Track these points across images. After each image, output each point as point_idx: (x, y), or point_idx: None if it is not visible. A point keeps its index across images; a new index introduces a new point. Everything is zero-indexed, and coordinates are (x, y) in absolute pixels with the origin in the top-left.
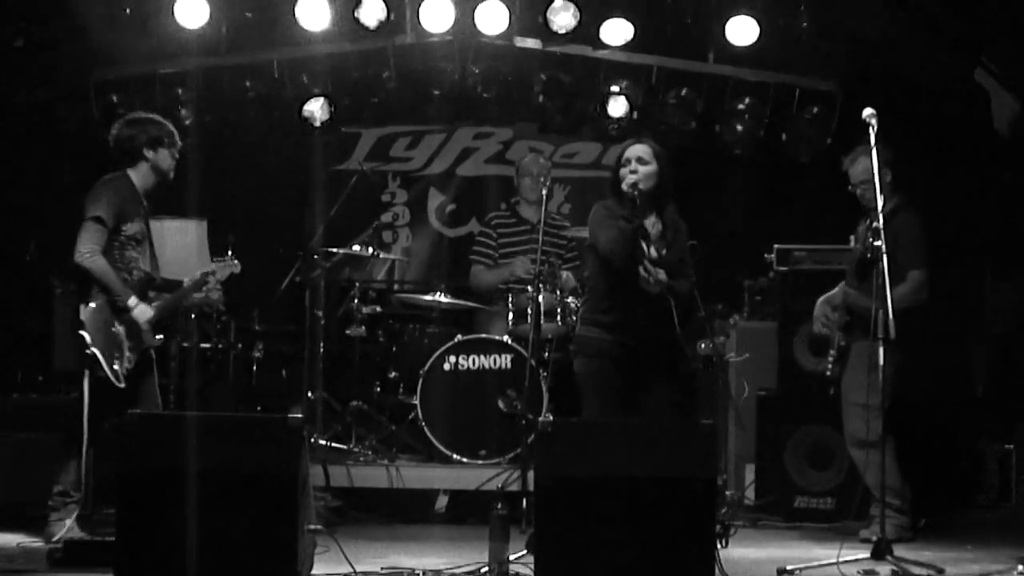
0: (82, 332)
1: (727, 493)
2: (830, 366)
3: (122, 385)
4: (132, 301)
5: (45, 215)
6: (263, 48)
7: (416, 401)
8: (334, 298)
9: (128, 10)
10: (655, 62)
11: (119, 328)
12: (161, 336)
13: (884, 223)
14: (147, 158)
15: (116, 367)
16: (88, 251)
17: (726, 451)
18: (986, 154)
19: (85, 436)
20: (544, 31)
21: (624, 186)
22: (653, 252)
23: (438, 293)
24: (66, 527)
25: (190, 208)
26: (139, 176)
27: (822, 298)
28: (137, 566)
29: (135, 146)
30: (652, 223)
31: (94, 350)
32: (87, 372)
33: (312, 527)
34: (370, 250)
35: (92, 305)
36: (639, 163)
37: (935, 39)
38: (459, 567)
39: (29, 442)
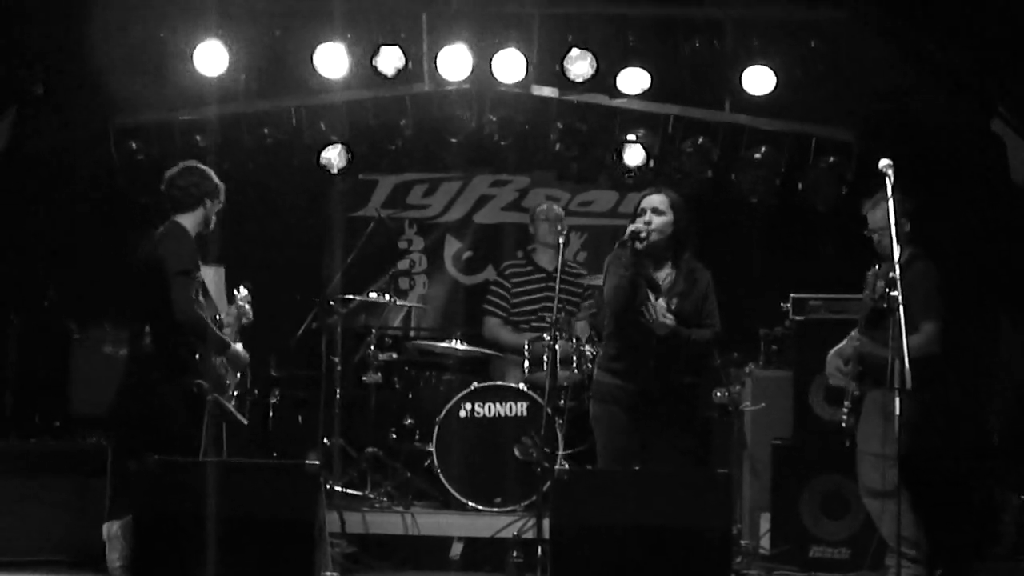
0: (199, 381)
1: (742, 542)
2: (845, 417)
3: (246, 421)
4: (235, 347)
5: (63, 260)
6: (281, 95)
7: (432, 448)
8: (350, 345)
9: (147, 57)
10: (672, 111)
11: (227, 371)
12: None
13: (901, 272)
14: (205, 207)
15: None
16: (189, 306)
17: (741, 500)
18: (1003, 204)
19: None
20: (561, 80)
21: (626, 236)
22: (662, 302)
23: (454, 340)
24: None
25: (208, 254)
26: (193, 224)
27: (832, 351)
28: None
29: (198, 194)
30: (666, 274)
31: (216, 395)
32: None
33: (327, 574)
34: (387, 297)
35: (197, 355)
36: (654, 213)
37: (952, 89)
38: None
39: (46, 488)
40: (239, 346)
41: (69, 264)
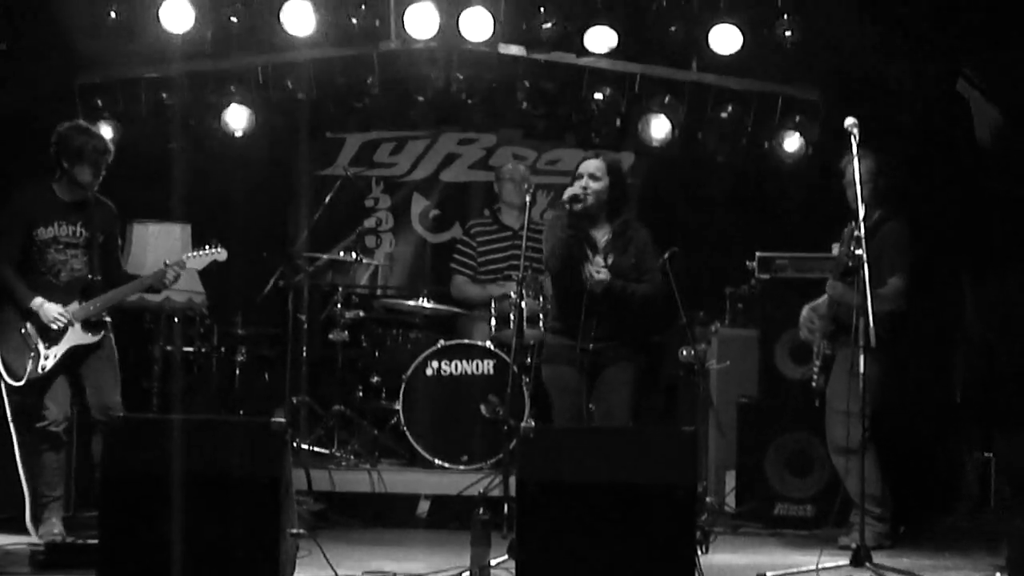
0: None
1: (707, 500)
2: (815, 376)
3: (19, 383)
4: (36, 302)
5: None
6: (248, 53)
7: (399, 406)
8: (317, 302)
9: (113, 14)
10: (639, 70)
11: (29, 329)
12: (96, 336)
13: (873, 231)
14: (62, 167)
15: (28, 366)
16: None
17: (707, 458)
18: (966, 163)
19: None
20: (528, 38)
21: (564, 199)
22: (599, 259)
23: (421, 298)
24: (56, 526)
25: (174, 212)
26: (60, 184)
27: (808, 305)
28: (119, 568)
29: (55, 153)
30: (603, 233)
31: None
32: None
33: (294, 531)
34: (353, 255)
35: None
36: (591, 179)
37: (917, 50)
38: (441, 572)
39: None
40: (52, 309)
41: None
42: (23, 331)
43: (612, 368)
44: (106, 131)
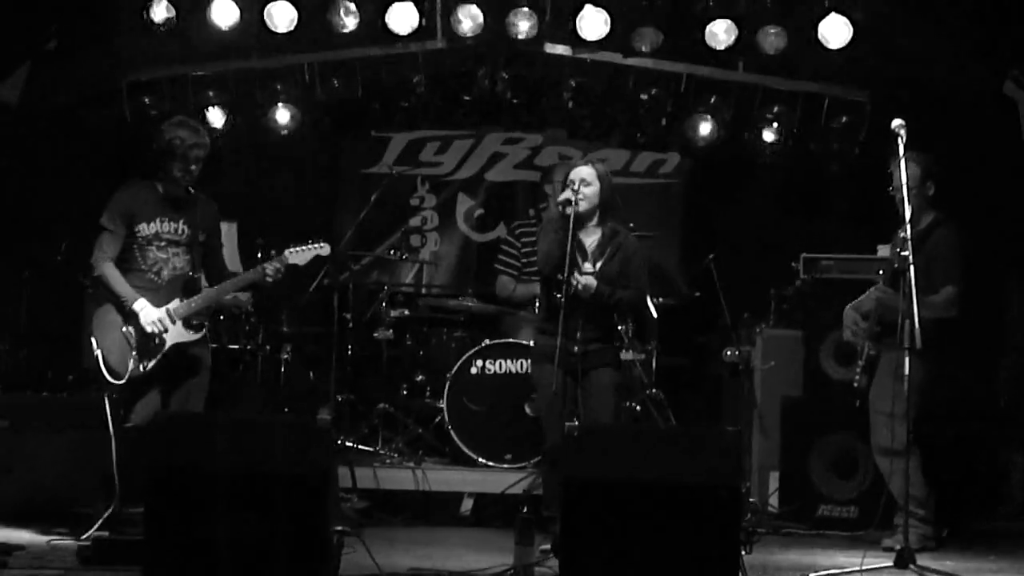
0: (91, 335)
1: (751, 500)
2: (857, 376)
3: (120, 382)
4: (138, 305)
5: (76, 216)
6: (295, 52)
7: (443, 404)
8: (362, 301)
9: (161, 13)
10: (685, 70)
11: (129, 330)
12: (198, 334)
13: (924, 235)
14: (160, 165)
15: (130, 365)
16: (94, 258)
17: (750, 459)
18: (1013, 166)
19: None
20: (574, 37)
21: (555, 204)
22: (588, 265)
23: (465, 297)
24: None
25: (221, 210)
26: (162, 181)
27: (850, 305)
28: (164, 565)
29: (156, 150)
30: (593, 239)
31: (97, 352)
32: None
33: (339, 528)
34: (398, 254)
35: (99, 308)
36: (583, 184)
37: (965, 51)
38: (484, 570)
39: (55, 441)
40: (152, 312)
41: (81, 220)
42: (124, 330)
43: (595, 372)
44: (216, 118)
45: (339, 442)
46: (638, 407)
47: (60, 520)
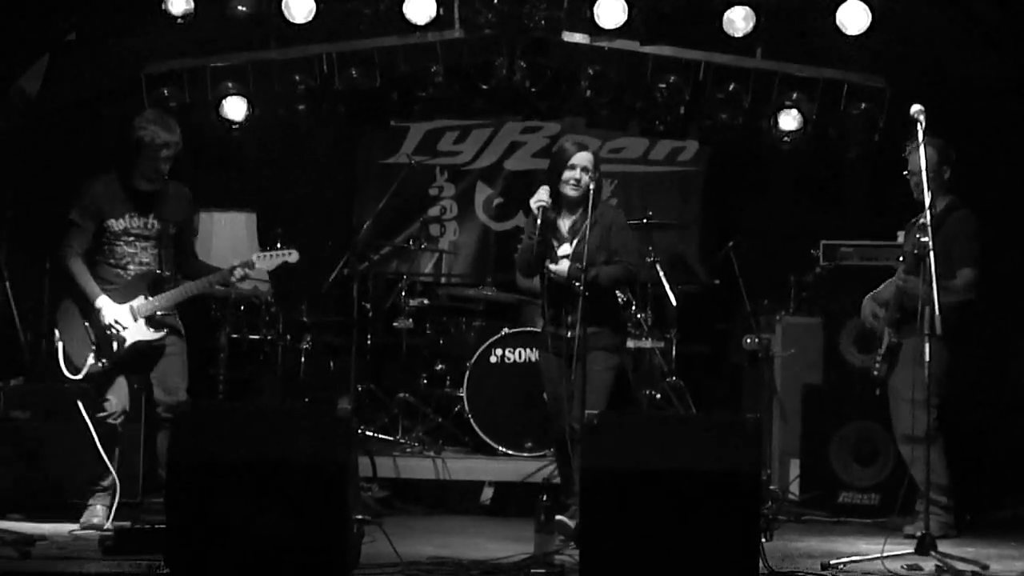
0: (54, 327)
1: (771, 488)
2: (877, 364)
3: (77, 377)
4: (100, 302)
5: None
6: (312, 42)
7: (462, 393)
8: (381, 291)
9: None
10: (703, 57)
11: (88, 326)
12: (159, 333)
13: (941, 220)
14: (129, 159)
15: (89, 360)
16: (61, 252)
17: (771, 446)
18: None
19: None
20: (592, 26)
21: (532, 204)
22: (565, 247)
23: (485, 286)
24: (99, 514)
25: (239, 201)
26: (132, 175)
27: (869, 295)
28: (186, 553)
29: (128, 142)
30: (568, 222)
31: (58, 343)
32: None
33: (359, 517)
34: (417, 243)
35: (66, 300)
36: (583, 172)
37: (985, 37)
38: (504, 558)
39: (77, 432)
40: (114, 308)
41: None
42: (86, 326)
43: (589, 356)
44: (234, 109)
45: (359, 431)
46: (658, 395)
47: (82, 511)
